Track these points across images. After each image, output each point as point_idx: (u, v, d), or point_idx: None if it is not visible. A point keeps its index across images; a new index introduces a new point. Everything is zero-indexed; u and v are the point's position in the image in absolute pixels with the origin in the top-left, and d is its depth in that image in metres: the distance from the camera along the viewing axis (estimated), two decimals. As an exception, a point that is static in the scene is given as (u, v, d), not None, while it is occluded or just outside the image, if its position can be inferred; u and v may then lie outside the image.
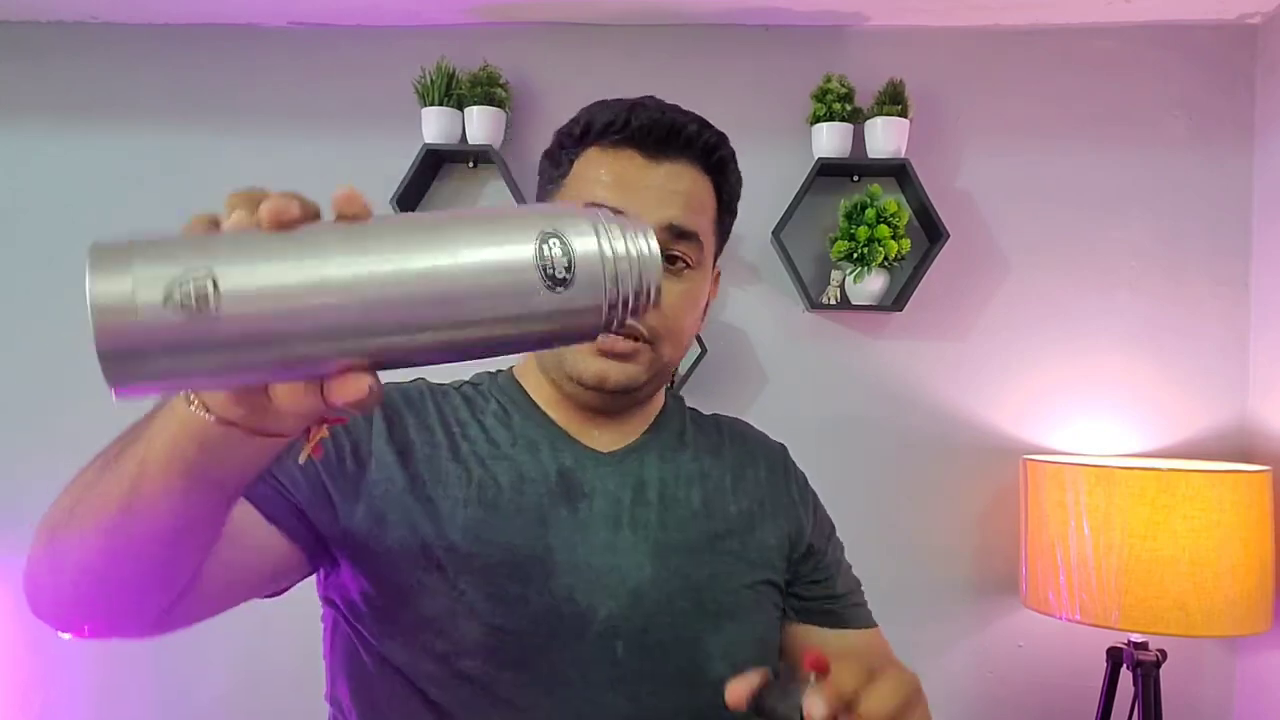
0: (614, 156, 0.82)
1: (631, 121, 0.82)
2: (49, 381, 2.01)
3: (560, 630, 0.77)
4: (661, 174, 0.81)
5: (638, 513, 0.83)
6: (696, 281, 0.83)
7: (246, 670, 1.98)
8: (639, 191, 0.80)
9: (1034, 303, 1.91)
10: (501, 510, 0.79)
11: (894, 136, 1.82)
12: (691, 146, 0.83)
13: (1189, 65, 1.89)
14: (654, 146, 0.82)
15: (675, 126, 0.82)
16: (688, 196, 0.82)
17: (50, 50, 2.03)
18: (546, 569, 0.78)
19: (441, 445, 0.82)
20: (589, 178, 0.82)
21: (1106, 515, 1.55)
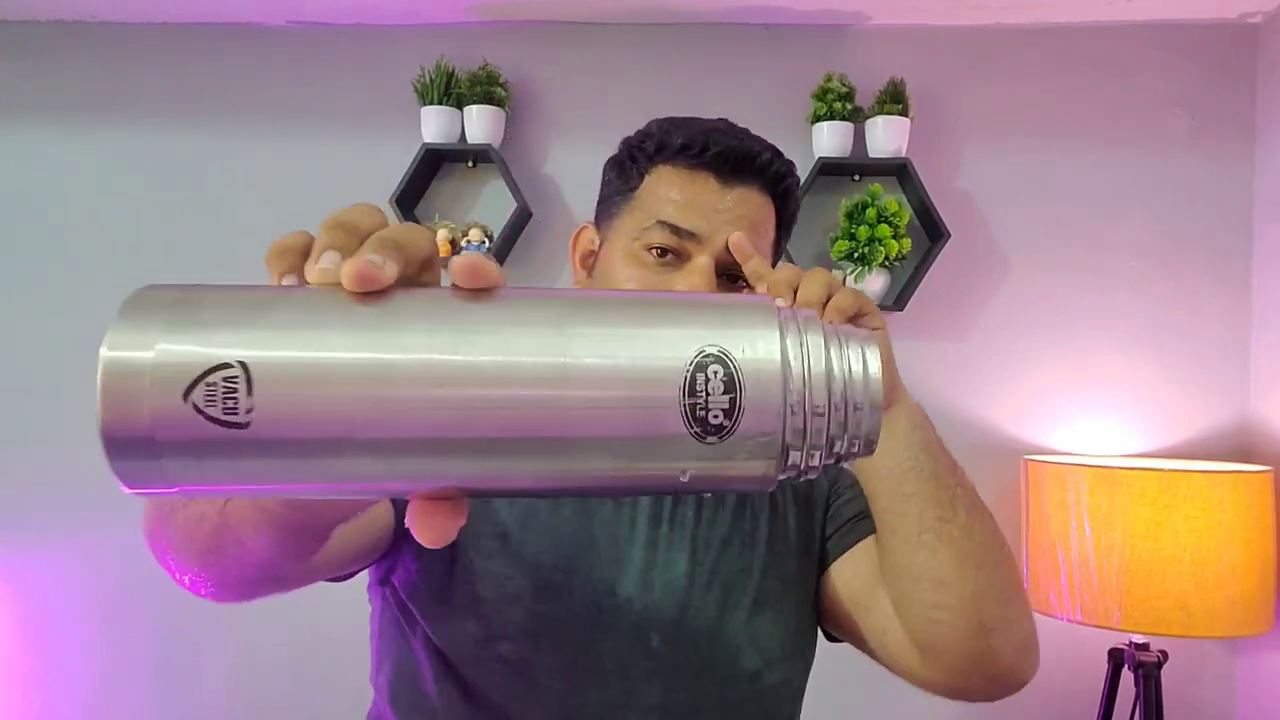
0: (689, 178, 0.84)
1: (710, 147, 0.83)
2: (49, 382, 2.01)
3: (599, 620, 0.80)
4: (732, 199, 0.83)
5: (678, 510, 0.86)
6: None
7: (245, 670, 1.97)
8: (710, 215, 0.82)
9: (1034, 303, 1.91)
10: (551, 502, 0.84)
11: (894, 136, 1.82)
12: (763, 174, 0.85)
13: (1189, 65, 1.89)
14: (729, 172, 0.83)
15: (750, 154, 0.84)
16: (754, 221, 0.84)
17: (50, 50, 2.02)
18: (589, 561, 0.82)
19: None
20: (661, 195, 0.84)
21: (1107, 515, 1.55)
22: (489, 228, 1.92)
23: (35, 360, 2.01)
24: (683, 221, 0.81)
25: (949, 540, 0.74)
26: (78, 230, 2.03)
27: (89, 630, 1.99)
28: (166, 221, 2.02)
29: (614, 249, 0.85)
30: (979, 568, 0.74)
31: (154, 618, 1.98)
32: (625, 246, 0.84)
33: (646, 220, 0.82)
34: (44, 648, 2.00)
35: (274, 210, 2.01)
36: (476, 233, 1.89)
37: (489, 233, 1.92)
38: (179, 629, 1.98)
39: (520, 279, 1.97)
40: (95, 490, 2.00)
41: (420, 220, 1.97)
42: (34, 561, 2.00)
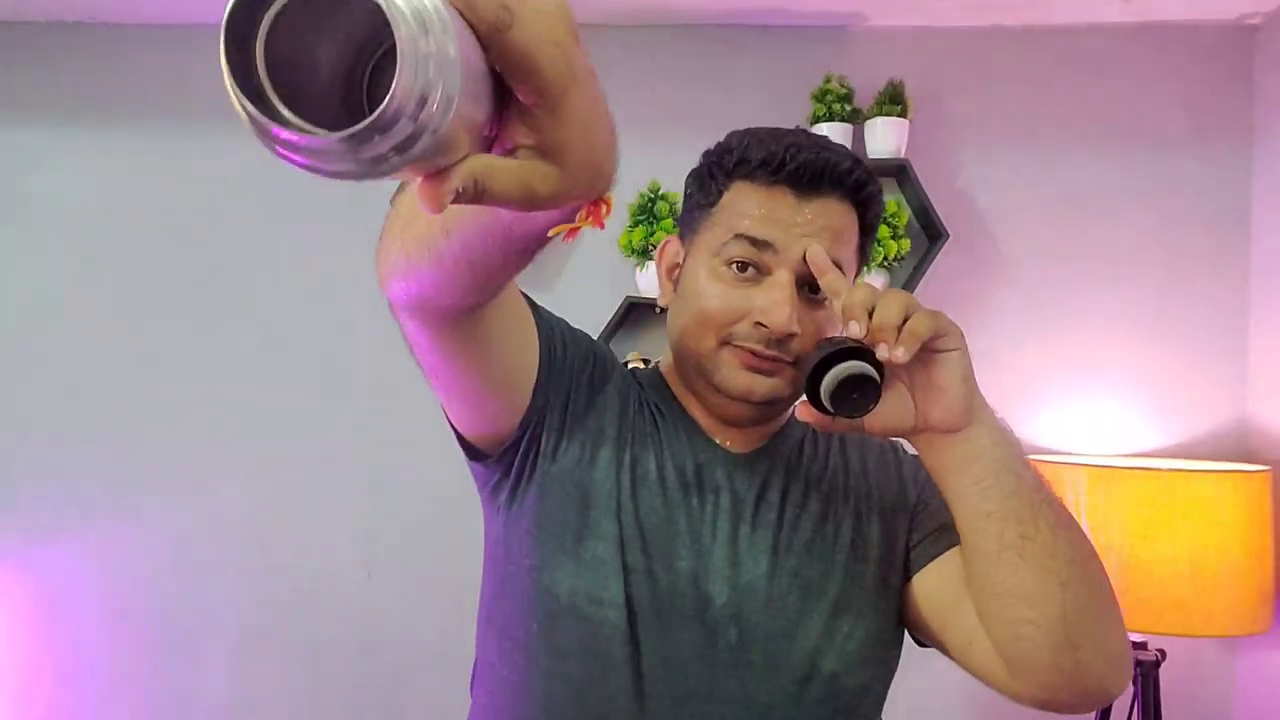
0: (767, 193, 0.85)
1: (787, 163, 0.84)
2: (50, 378, 2.01)
3: (681, 609, 0.83)
4: (811, 210, 0.85)
5: (760, 511, 0.88)
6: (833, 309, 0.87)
7: (245, 671, 1.98)
8: (789, 228, 0.84)
9: (1033, 303, 1.91)
10: (644, 487, 0.86)
11: (894, 136, 1.83)
12: (842, 184, 0.86)
13: (1189, 65, 1.89)
14: (806, 185, 0.85)
15: (827, 166, 0.85)
16: (835, 231, 0.86)
17: (50, 50, 2.03)
18: (673, 550, 0.84)
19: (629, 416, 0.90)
20: (740, 210, 0.86)
21: (1106, 515, 1.55)
22: (489, 228, 1.92)
23: (37, 357, 2.01)
24: (760, 233, 0.84)
25: (1032, 558, 0.74)
26: (78, 229, 2.03)
27: (98, 621, 2.00)
28: (166, 221, 2.02)
29: (696, 263, 0.88)
30: (1064, 585, 0.74)
31: (161, 611, 1.99)
32: (706, 261, 0.87)
33: (725, 235, 0.85)
34: (53, 638, 2.00)
35: (274, 210, 2.01)
36: (476, 233, 1.89)
37: (489, 233, 1.92)
38: (185, 622, 1.99)
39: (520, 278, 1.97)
40: (103, 484, 2.01)
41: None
42: (43, 554, 2.00)
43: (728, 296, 0.85)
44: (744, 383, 0.85)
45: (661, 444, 0.90)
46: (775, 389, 0.86)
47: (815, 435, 0.98)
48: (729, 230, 0.85)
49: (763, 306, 0.83)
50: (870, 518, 0.91)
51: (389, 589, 1.94)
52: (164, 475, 2.00)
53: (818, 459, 0.95)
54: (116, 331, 2.01)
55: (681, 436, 0.91)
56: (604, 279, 1.94)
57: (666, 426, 0.91)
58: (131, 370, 2.01)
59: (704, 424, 0.92)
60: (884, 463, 0.96)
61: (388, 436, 1.98)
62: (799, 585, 0.85)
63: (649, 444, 0.89)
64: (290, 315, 2.01)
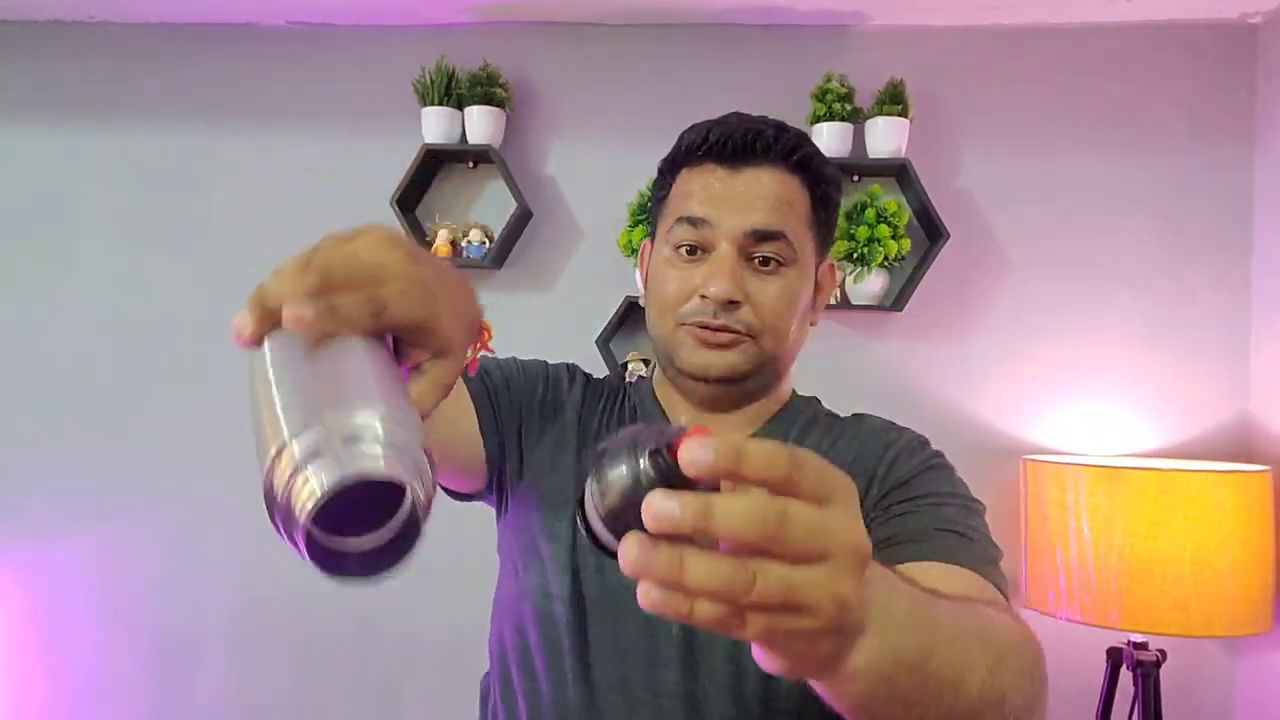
0: (699, 172, 0.90)
1: (710, 137, 0.88)
2: (48, 379, 2.01)
3: (627, 602, 0.82)
4: (743, 182, 0.87)
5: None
6: (791, 277, 0.89)
7: (243, 673, 1.98)
8: (722, 202, 0.87)
9: (1034, 303, 1.91)
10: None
11: (894, 136, 1.82)
12: (770, 151, 0.88)
13: (1189, 65, 1.89)
14: (733, 157, 0.88)
15: (751, 135, 0.87)
16: (772, 199, 0.87)
17: (49, 50, 2.03)
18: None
19: (594, 421, 0.94)
20: (681, 195, 0.90)
21: (1107, 515, 1.55)
22: (489, 228, 1.92)
23: (34, 359, 2.01)
24: (695, 212, 0.87)
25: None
26: (78, 229, 2.03)
27: (89, 629, 2.00)
28: (166, 221, 2.02)
29: (657, 255, 0.93)
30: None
31: (157, 613, 1.99)
32: (660, 251, 0.92)
33: (670, 222, 0.90)
34: (51, 641, 2.00)
35: (274, 211, 2.01)
36: (476, 233, 1.89)
37: (489, 233, 1.92)
38: (181, 625, 1.99)
39: (520, 279, 1.98)
40: (98, 487, 2.00)
41: (421, 220, 1.97)
42: (38, 557, 2.00)
43: (678, 278, 0.88)
44: (699, 360, 0.88)
45: None
46: (731, 364, 0.88)
47: (822, 425, 0.97)
48: (672, 217, 0.90)
49: (704, 279, 0.86)
50: None
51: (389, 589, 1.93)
52: (162, 477, 2.00)
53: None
54: (115, 332, 2.01)
55: None
56: (604, 279, 1.94)
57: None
58: (130, 371, 2.01)
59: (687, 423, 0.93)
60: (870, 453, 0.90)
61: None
62: None
63: None
64: (290, 315, 2.01)
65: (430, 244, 1.91)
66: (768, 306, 0.87)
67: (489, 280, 1.98)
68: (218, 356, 2.01)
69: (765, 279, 0.88)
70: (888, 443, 0.92)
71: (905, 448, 0.91)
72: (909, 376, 1.92)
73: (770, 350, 0.90)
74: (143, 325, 2.01)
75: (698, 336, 0.88)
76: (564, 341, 1.90)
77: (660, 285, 0.91)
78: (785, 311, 0.89)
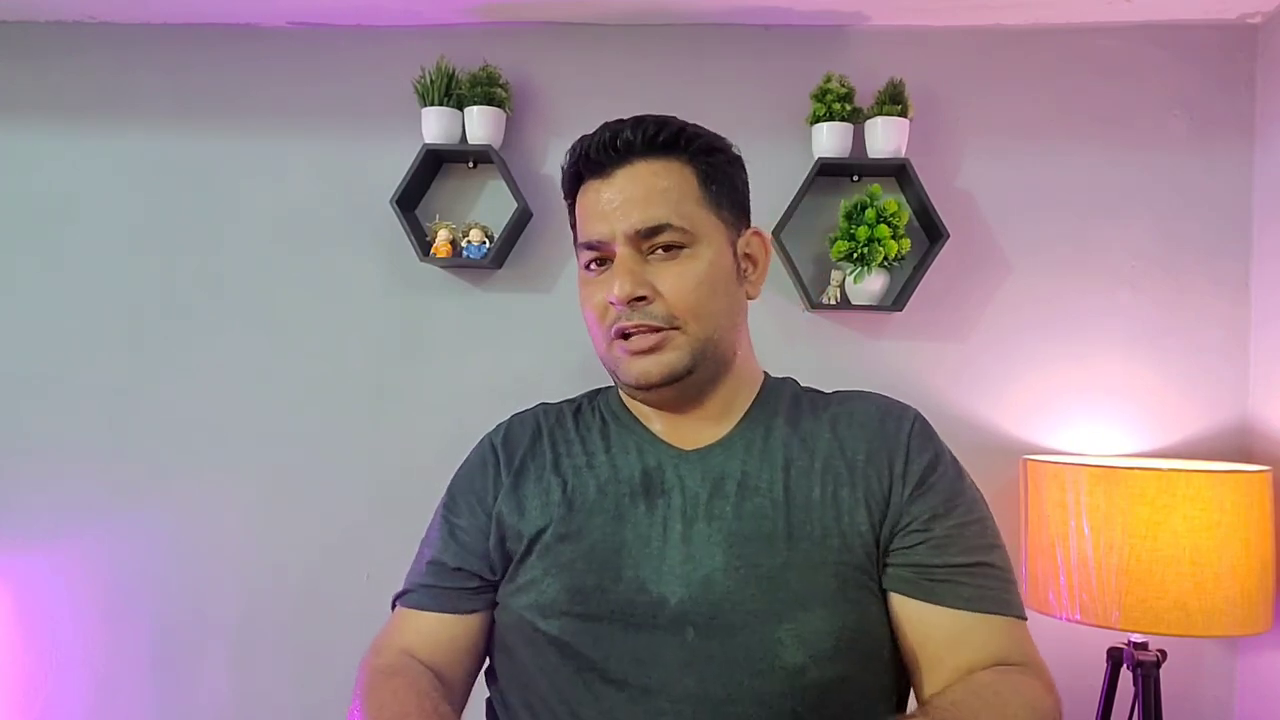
0: (584, 192, 0.92)
1: (578, 154, 0.91)
2: (46, 381, 2.01)
3: (634, 616, 0.84)
4: (618, 186, 0.88)
5: (714, 505, 0.88)
6: (698, 259, 0.88)
7: (244, 675, 1.98)
8: (607, 214, 0.88)
9: (1034, 303, 1.91)
10: (585, 511, 0.90)
11: (894, 136, 1.82)
12: (633, 146, 0.88)
13: (1189, 65, 1.89)
14: (602, 165, 0.89)
15: (610, 136, 0.88)
16: (647, 193, 0.87)
17: (49, 50, 2.03)
18: (620, 561, 0.86)
19: (546, 465, 0.96)
20: (578, 219, 0.93)
21: (1107, 515, 1.55)
22: (489, 228, 1.92)
23: (33, 360, 2.01)
24: (590, 237, 0.90)
25: None
26: (78, 230, 2.03)
27: (89, 630, 2.00)
28: (166, 222, 2.02)
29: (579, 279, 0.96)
30: None
31: (154, 617, 1.99)
32: (580, 275, 0.95)
33: (579, 249, 0.93)
34: (44, 647, 2.00)
35: (274, 211, 2.01)
36: (477, 233, 1.89)
37: (489, 233, 1.92)
38: (178, 629, 1.99)
39: (520, 279, 1.98)
40: (94, 490, 2.00)
41: (421, 220, 1.97)
42: (34, 561, 2.00)
43: (595, 295, 0.91)
44: (636, 370, 0.89)
45: (604, 462, 0.94)
46: (670, 365, 0.88)
47: (804, 406, 0.97)
48: (578, 243, 0.93)
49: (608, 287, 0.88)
50: (853, 507, 0.87)
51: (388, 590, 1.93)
52: (161, 478, 2.00)
53: (792, 439, 0.92)
54: (114, 333, 2.01)
55: (630, 448, 0.95)
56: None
57: (615, 442, 0.96)
58: (128, 371, 2.01)
59: (662, 430, 0.96)
60: (878, 450, 0.91)
61: (387, 438, 1.98)
62: (758, 577, 0.83)
63: (586, 470, 0.94)
64: (289, 317, 2.01)
65: (430, 244, 1.91)
66: (676, 291, 0.87)
67: (489, 280, 1.98)
68: (219, 356, 2.01)
69: (667, 268, 0.88)
70: (897, 432, 0.93)
71: (916, 443, 0.92)
72: (909, 376, 1.92)
73: (700, 334, 0.89)
74: (143, 325, 2.01)
75: (626, 349, 0.89)
76: (564, 341, 1.90)
77: (586, 306, 0.93)
78: (697, 291, 0.88)
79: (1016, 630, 0.87)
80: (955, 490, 0.91)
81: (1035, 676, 0.85)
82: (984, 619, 0.85)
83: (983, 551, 0.88)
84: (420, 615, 0.96)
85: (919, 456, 0.91)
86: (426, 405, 1.98)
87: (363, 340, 2.00)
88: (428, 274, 1.97)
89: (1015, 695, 0.80)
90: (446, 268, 1.95)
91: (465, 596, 0.95)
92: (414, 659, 0.93)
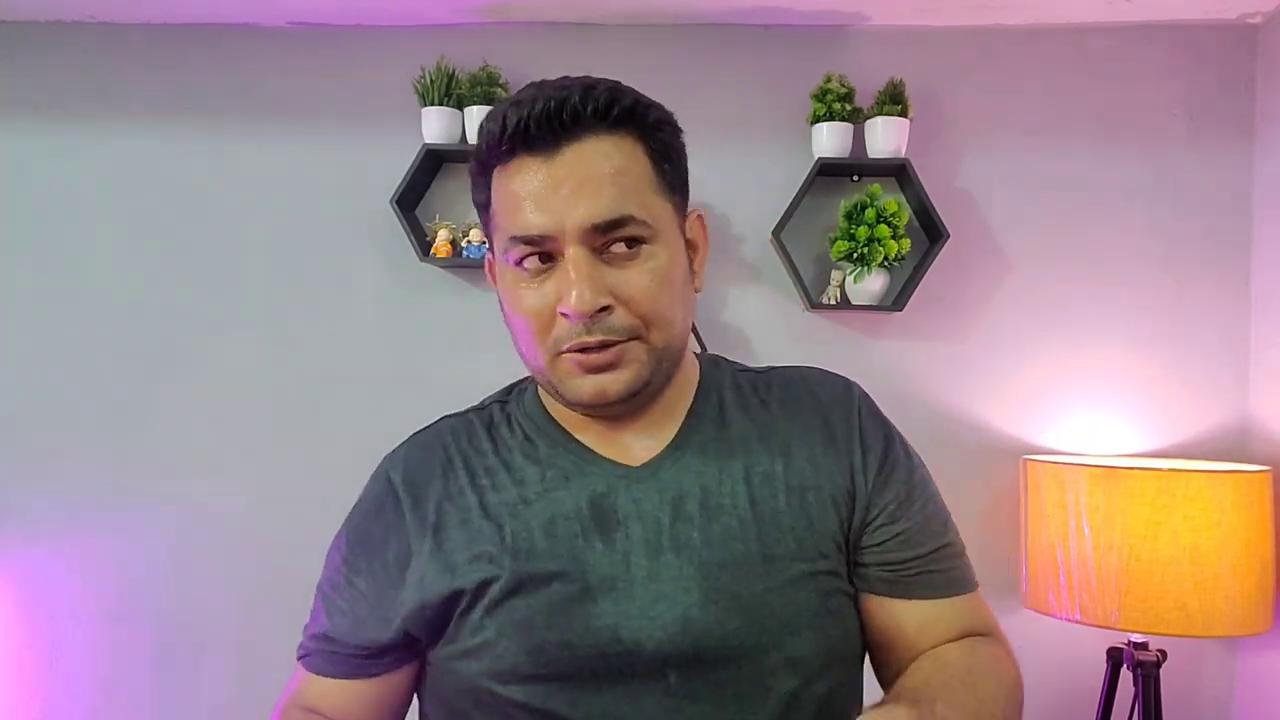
0: (514, 171, 0.74)
1: (509, 125, 0.73)
2: (47, 382, 2.01)
3: (608, 671, 0.74)
4: (565, 166, 0.72)
5: (679, 532, 0.77)
6: (658, 256, 0.75)
7: (244, 674, 1.98)
8: (550, 201, 0.72)
9: (1034, 303, 1.91)
10: (533, 557, 0.77)
11: (894, 136, 1.82)
12: (582, 118, 0.73)
13: (1189, 65, 1.89)
14: (544, 140, 0.72)
15: (555, 105, 0.72)
16: (605, 176, 0.72)
17: (50, 50, 2.02)
18: (585, 612, 0.75)
19: (471, 506, 0.81)
20: (505, 205, 0.75)
21: (1107, 515, 1.55)
22: (489, 228, 1.92)
23: (34, 360, 2.01)
24: (527, 229, 0.72)
25: None
26: (78, 230, 2.03)
27: (91, 626, 2.00)
28: (166, 222, 2.02)
29: (501, 277, 0.79)
30: None
31: (156, 614, 1.99)
32: (503, 272, 0.78)
33: (505, 241, 0.75)
34: (46, 644, 2.00)
35: (274, 211, 2.01)
36: (476, 233, 1.89)
37: (489, 233, 1.92)
38: (180, 626, 1.99)
39: (520, 279, 1.97)
40: (96, 487, 2.00)
41: (421, 220, 1.97)
42: (37, 558, 2.00)
43: (534, 300, 0.74)
44: (590, 388, 0.75)
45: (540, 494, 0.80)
46: (628, 382, 0.75)
47: (745, 390, 0.87)
48: (504, 234, 0.75)
49: (559, 293, 0.73)
50: (821, 507, 0.81)
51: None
52: (163, 477, 1.99)
53: (748, 434, 0.83)
54: (116, 332, 2.01)
55: (568, 471, 0.81)
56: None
57: (548, 465, 0.81)
58: (129, 371, 2.01)
59: (596, 442, 0.82)
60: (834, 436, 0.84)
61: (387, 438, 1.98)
62: (739, 608, 0.75)
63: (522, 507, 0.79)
64: (289, 317, 2.01)
65: (430, 244, 1.91)
66: (641, 299, 0.74)
67: (489, 281, 1.98)
68: (219, 356, 2.01)
69: (628, 268, 0.74)
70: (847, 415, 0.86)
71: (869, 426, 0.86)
72: (909, 376, 1.92)
73: (661, 343, 0.76)
74: (143, 325, 2.01)
75: (580, 364, 0.74)
76: (564, 341, 1.90)
77: (514, 314, 0.77)
78: (662, 296, 0.75)
79: (975, 601, 0.86)
80: (909, 470, 0.86)
81: (998, 644, 0.84)
82: (951, 601, 0.83)
83: (941, 532, 0.85)
84: (321, 680, 0.86)
85: (875, 442, 0.85)
86: (427, 405, 1.97)
87: (363, 340, 2.00)
88: (428, 274, 1.97)
89: (984, 668, 0.79)
90: (446, 268, 1.95)
91: (374, 664, 0.83)
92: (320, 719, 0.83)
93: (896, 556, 0.82)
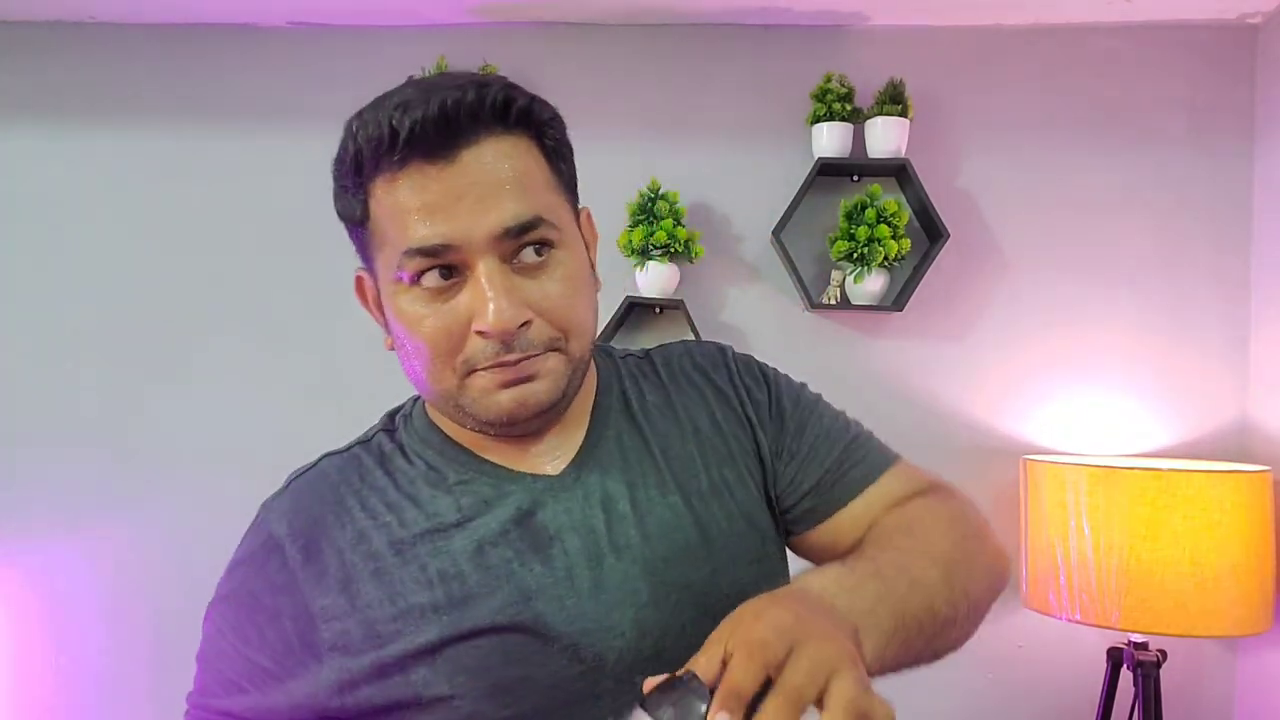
0: (404, 179, 0.67)
1: (398, 128, 0.66)
2: (47, 379, 2.01)
3: (577, 694, 0.71)
4: (466, 170, 0.67)
5: (617, 534, 0.74)
6: (567, 261, 0.72)
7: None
8: (452, 210, 0.66)
9: (1034, 303, 1.91)
10: (473, 599, 0.70)
11: (894, 136, 1.82)
12: (480, 117, 0.68)
13: (1189, 65, 1.89)
14: (440, 143, 0.67)
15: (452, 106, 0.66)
16: (509, 179, 0.68)
17: (50, 50, 2.02)
18: (541, 639, 0.70)
19: (384, 556, 0.72)
20: (393, 217, 0.68)
21: (1107, 515, 1.55)
22: (489, 228, 1.92)
23: (33, 358, 2.01)
24: (430, 240, 0.66)
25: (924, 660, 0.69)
26: (78, 230, 2.03)
27: (97, 622, 2.00)
28: (166, 222, 2.02)
29: (389, 298, 0.72)
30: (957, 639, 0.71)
31: (162, 610, 1.99)
32: (395, 292, 0.71)
33: (395, 257, 0.68)
34: (53, 640, 2.00)
35: (275, 211, 2.01)
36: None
37: (489, 233, 1.92)
38: (180, 625, 1.99)
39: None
40: (97, 486, 2.00)
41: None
42: (37, 557, 2.00)
43: (435, 322, 0.68)
44: (508, 401, 0.70)
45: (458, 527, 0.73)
46: (549, 392, 0.71)
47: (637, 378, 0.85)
48: (395, 249, 0.68)
49: (472, 311, 0.67)
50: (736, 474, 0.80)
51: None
52: (165, 475, 2.00)
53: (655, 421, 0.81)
54: (115, 332, 2.01)
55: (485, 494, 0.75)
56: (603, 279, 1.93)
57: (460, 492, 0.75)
58: (130, 371, 2.01)
59: (504, 457, 0.76)
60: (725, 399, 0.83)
61: (388, 436, 1.98)
62: (691, 598, 0.73)
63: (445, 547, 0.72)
64: (289, 317, 2.01)
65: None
66: (558, 310, 0.70)
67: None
68: (219, 356, 2.01)
69: (540, 277, 0.69)
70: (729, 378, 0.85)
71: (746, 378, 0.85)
72: (909, 376, 1.92)
73: (577, 351, 0.72)
74: (144, 325, 2.01)
75: (498, 380, 0.69)
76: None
77: (414, 335, 0.70)
78: (578, 303, 0.72)
79: (900, 471, 0.84)
80: (793, 392, 0.86)
81: (935, 490, 0.82)
82: (876, 485, 0.82)
83: (844, 430, 0.85)
84: None
85: (757, 388, 0.84)
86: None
87: (362, 340, 1.99)
88: (428, 274, 1.97)
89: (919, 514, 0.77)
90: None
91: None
92: None
93: (813, 478, 0.81)
